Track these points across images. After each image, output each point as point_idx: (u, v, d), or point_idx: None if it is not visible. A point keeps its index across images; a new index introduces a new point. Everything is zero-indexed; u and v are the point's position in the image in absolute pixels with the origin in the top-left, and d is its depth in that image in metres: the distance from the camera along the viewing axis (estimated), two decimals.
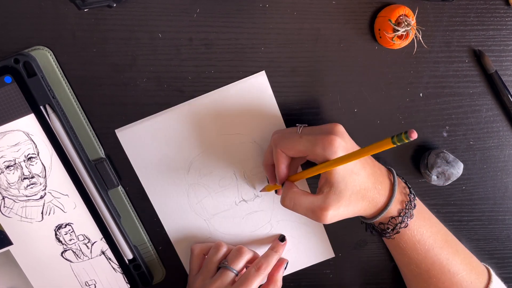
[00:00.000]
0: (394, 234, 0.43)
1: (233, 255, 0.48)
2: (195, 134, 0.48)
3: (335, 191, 0.40)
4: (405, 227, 0.42)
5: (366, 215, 0.43)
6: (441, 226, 0.47)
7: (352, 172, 0.40)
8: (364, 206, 0.41)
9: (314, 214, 0.40)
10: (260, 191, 0.50)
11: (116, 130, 0.47)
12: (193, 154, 0.49)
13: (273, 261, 0.48)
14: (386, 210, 0.42)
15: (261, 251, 0.52)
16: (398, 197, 0.42)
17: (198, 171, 0.49)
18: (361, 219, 0.46)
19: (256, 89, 0.47)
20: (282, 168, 0.43)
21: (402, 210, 0.42)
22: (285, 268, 0.51)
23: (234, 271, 0.47)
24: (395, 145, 0.31)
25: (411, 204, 0.43)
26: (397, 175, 0.44)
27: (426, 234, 0.44)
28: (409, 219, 0.42)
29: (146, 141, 0.48)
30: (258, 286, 0.47)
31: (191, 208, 0.50)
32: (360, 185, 0.40)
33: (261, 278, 0.47)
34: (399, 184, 0.44)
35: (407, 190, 0.44)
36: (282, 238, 0.51)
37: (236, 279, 0.46)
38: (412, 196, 0.43)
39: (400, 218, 0.42)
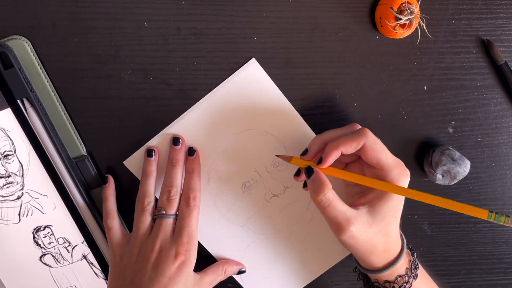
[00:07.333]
0: None
1: (164, 199, 0.44)
2: (203, 143, 0.47)
3: (373, 214, 0.40)
4: (409, 287, 0.43)
5: (374, 264, 0.42)
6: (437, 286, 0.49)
7: (396, 212, 0.41)
8: (380, 249, 0.41)
9: (338, 224, 0.39)
10: (278, 156, 0.46)
11: (124, 162, 0.47)
12: (208, 163, 0.48)
13: (196, 184, 0.45)
14: (396, 264, 0.42)
15: (310, 241, 0.50)
16: (405, 256, 0.43)
17: (219, 179, 0.48)
18: (363, 272, 0.44)
19: (251, 79, 0.46)
20: (339, 156, 0.41)
21: (409, 269, 0.43)
22: (239, 273, 0.50)
23: (171, 216, 0.44)
24: (488, 219, 0.34)
25: (416, 264, 0.44)
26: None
27: None
28: (414, 280, 0.43)
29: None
30: (198, 218, 0.44)
31: (224, 218, 0.49)
32: (391, 226, 0.41)
33: (196, 211, 0.44)
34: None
35: (409, 251, 0.45)
36: (190, 152, 0.46)
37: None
38: (415, 257, 0.45)
39: (406, 277, 0.43)
